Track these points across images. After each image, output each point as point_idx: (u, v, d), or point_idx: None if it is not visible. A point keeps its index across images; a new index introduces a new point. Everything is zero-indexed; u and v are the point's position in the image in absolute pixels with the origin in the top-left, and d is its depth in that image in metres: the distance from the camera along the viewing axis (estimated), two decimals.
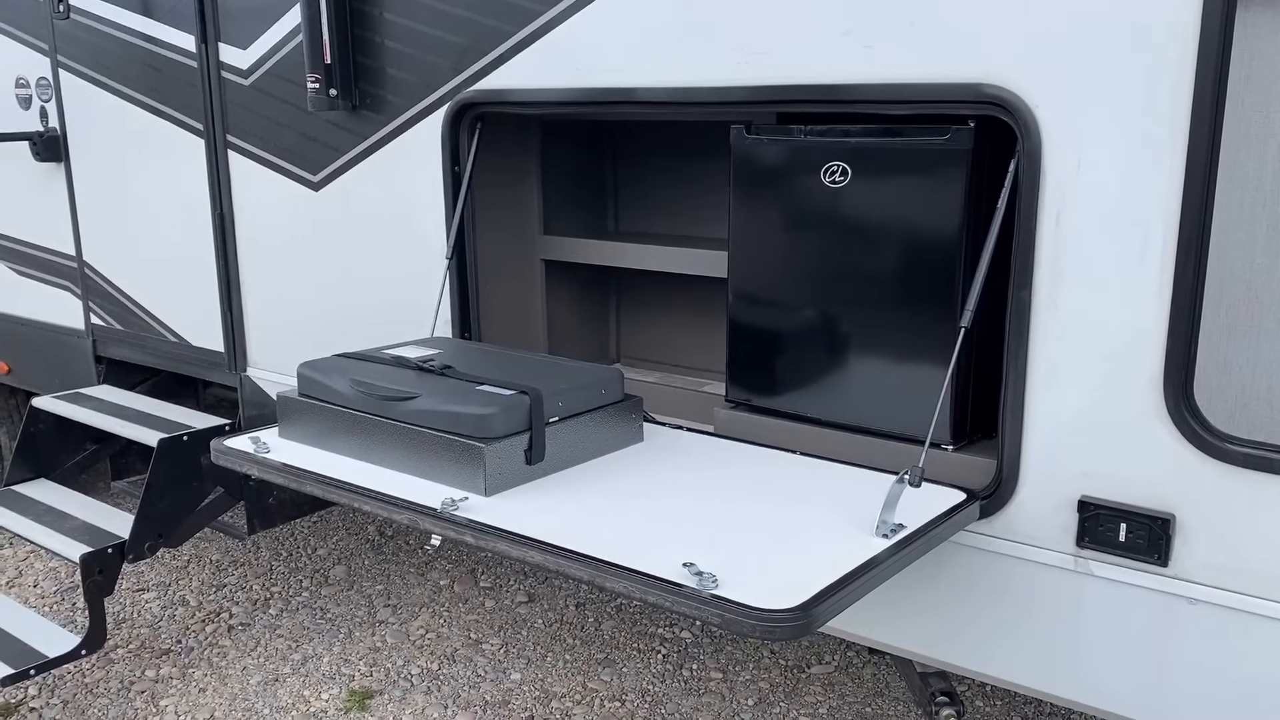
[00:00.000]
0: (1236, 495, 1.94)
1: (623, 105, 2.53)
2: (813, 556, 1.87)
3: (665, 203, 3.50)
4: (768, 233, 2.51)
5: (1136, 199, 1.95)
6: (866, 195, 2.34)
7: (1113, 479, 2.06)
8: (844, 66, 2.19)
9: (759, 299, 2.56)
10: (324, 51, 3.01)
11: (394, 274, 3.13)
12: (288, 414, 2.49)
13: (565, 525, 2.01)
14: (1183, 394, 1.95)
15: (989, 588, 2.24)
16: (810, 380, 2.51)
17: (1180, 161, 1.89)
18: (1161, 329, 1.95)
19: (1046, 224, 2.05)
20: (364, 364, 2.50)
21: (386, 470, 2.32)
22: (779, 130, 2.44)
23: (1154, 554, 2.03)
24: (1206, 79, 1.83)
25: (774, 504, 2.12)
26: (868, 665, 3.87)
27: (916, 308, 2.33)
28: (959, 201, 2.24)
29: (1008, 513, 2.19)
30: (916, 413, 2.36)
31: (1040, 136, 2.02)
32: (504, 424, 2.17)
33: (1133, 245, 1.97)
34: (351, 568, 4.75)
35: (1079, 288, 2.04)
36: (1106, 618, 2.12)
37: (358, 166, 3.14)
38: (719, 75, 2.35)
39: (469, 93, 2.82)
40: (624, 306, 3.60)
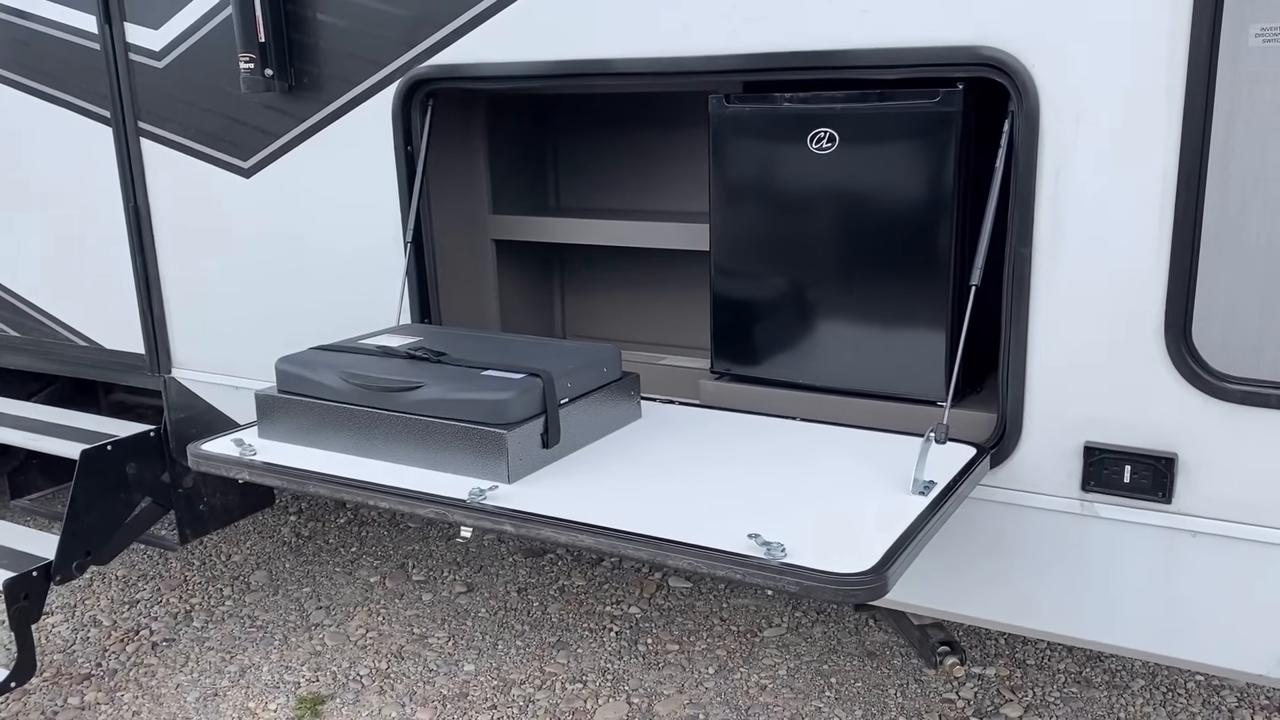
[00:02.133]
0: (1235, 431, 2.06)
1: (600, 77, 2.48)
2: (861, 518, 1.89)
3: (605, 177, 3.45)
4: (751, 203, 2.51)
5: (1134, 152, 2.03)
6: (856, 161, 2.36)
7: (1116, 423, 2.15)
8: (839, 31, 2.20)
9: (744, 270, 2.56)
10: (257, 29, 2.83)
11: (342, 261, 2.99)
12: (270, 412, 2.35)
13: (600, 507, 1.97)
14: (1183, 338, 2.05)
15: (996, 537, 2.31)
16: (802, 347, 2.53)
17: (1178, 113, 1.98)
18: (1162, 276, 2.05)
19: (1046, 181, 2.11)
20: (349, 355, 2.38)
21: (390, 465, 2.22)
22: (761, 99, 2.44)
23: (1158, 492, 2.13)
24: (1202, 32, 1.92)
25: (799, 470, 2.13)
26: (817, 624, 3.95)
27: (910, 270, 2.37)
28: (950, 163, 2.28)
29: (1012, 463, 2.26)
30: (912, 373, 2.41)
31: (1038, 95, 2.08)
32: (522, 408, 2.11)
33: (1131, 198, 2.05)
34: (273, 572, 4.54)
35: (1079, 241, 2.11)
36: (1114, 557, 2.22)
37: (296, 150, 2.97)
38: (708, 44, 2.33)
39: (423, 68, 2.71)
40: (568, 283, 3.55)
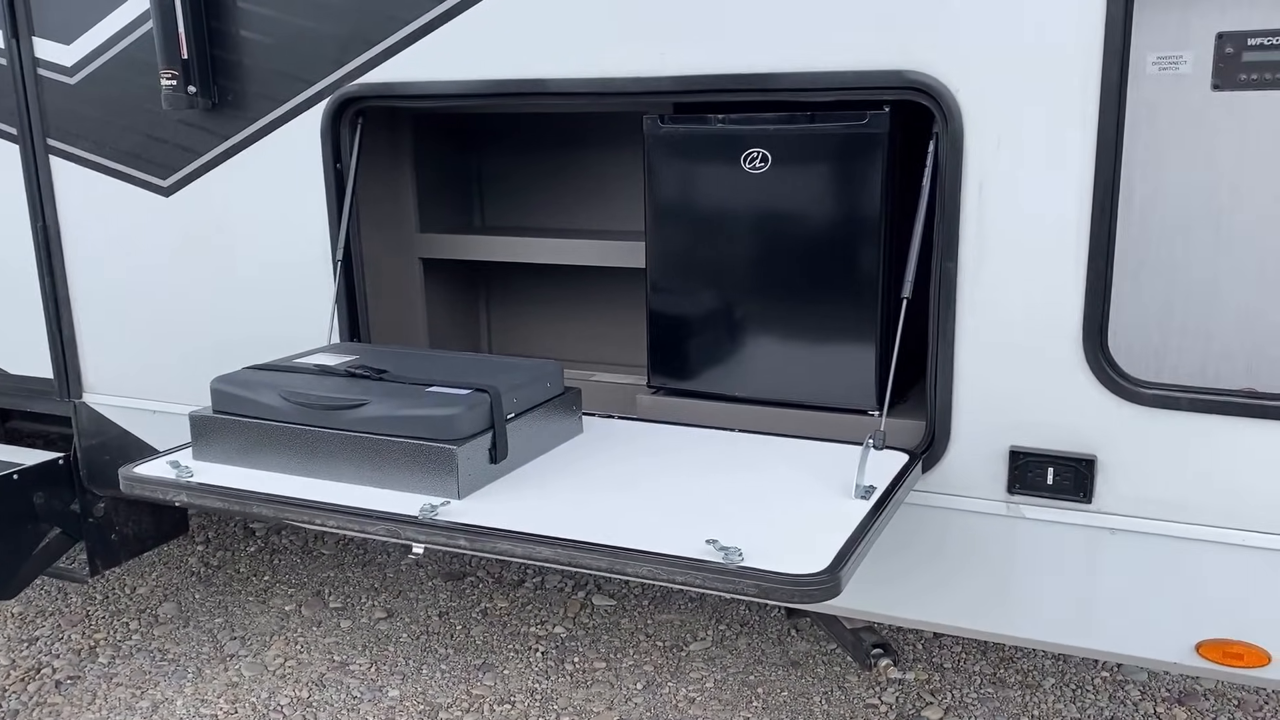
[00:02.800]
0: (1148, 433, 2.20)
1: (537, 97, 2.52)
2: (810, 522, 1.96)
3: (531, 196, 3.49)
4: (686, 221, 2.58)
5: (1052, 172, 2.17)
6: (788, 180, 2.45)
7: (1040, 428, 2.28)
8: (772, 55, 2.28)
9: (679, 286, 2.63)
10: (180, 46, 2.80)
11: (267, 280, 2.96)
12: (205, 433, 2.32)
13: (554, 519, 2.00)
14: (1099, 346, 2.19)
15: (926, 540, 2.41)
16: (737, 361, 2.60)
17: (1091, 135, 2.11)
18: (1079, 288, 2.18)
19: (970, 199, 2.23)
20: (286, 374, 2.36)
21: (333, 484, 2.21)
22: (696, 119, 2.51)
23: (1079, 493, 2.26)
24: (1113, 61, 2.06)
25: (743, 478, 2.20)
26: (741, 636, 4.02)
27: (840, 285, 2.47)
28: (878, 181, 2.39)
29: (942, 468, 2.37)
30: (843, 384, 2.50)
31: (961, 118, 2.20)
32: (470, 424, 2.13)
33: (1050, 214, 2.19)
34: (182, 604, 4.42)
35: (1002, 256, 2.24)
36: (1038, 556, 2.34)
37: (220, 168, 2.94)
38: (643, 66, 2.39)
39: (353, 86, 2.72)
40: (494, 301, 3.57)
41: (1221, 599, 2.24)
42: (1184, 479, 2.19)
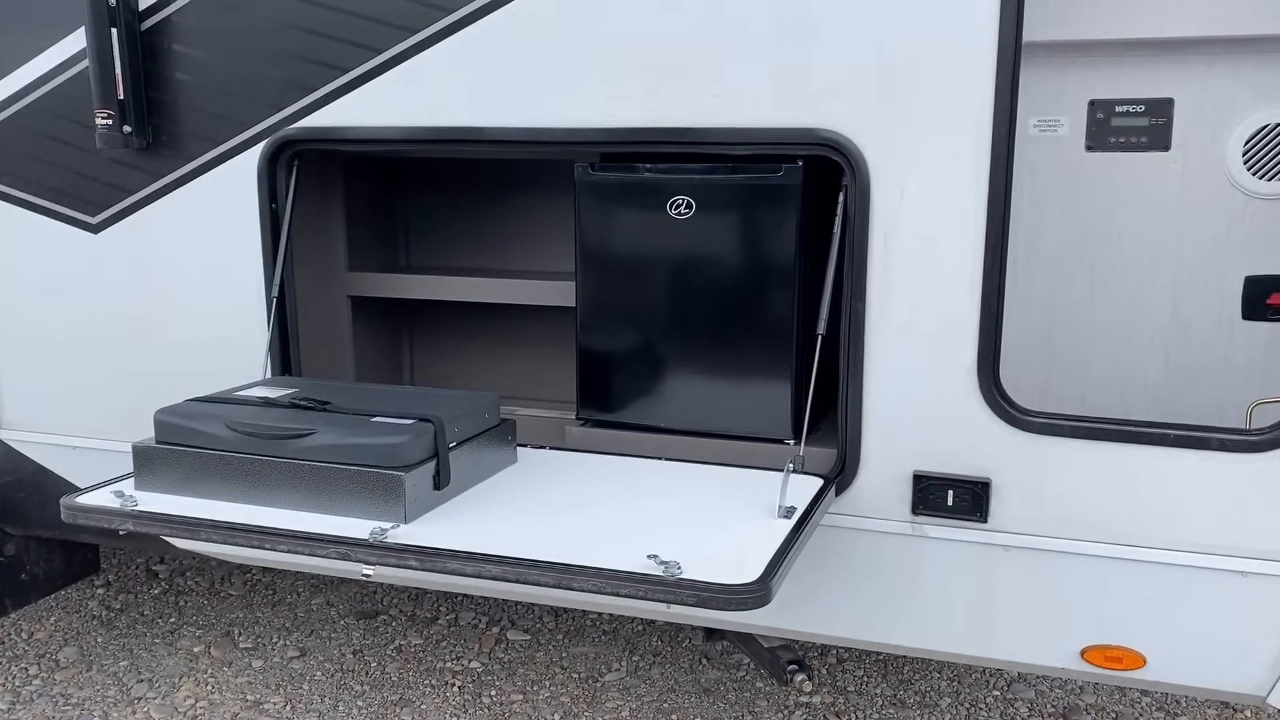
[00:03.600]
0: (1036, 457, 2.46)
1: (471, 144, 2.68)
2: (738, 539, 2.14)
3: (456, 237, 3.64)
4: (615, 263, 2.76)
5: (949, 221, 2.42)
6: (710, 225, 2.66)
7: (940, 454, 2.51)
8: (698, 111, 2.50)
9: (608, 324, 2.81)
10: (116, 86, 2.88)
11: (198, 317, 3.03)
12: (149, 464, 2.39)
13: (498, 541, 2.13)
14: (992, 378, 2.44)
15: (839, 559, 2.62)
16: (663, 394, 2.78)
17: (983, 189, 2.38)
18: (974, 327, 2.43)
19: (876, 245, 2.47)
20: (230, 406, 2.45)
21: (280, 511, 2.30)
22: (624, 167, 2.71)
23: (976, 513, 2.50)
24: (1002, 123, 2.33)
25: (673, 501, 2.37)
26: (655, 666, 4.17)
27: (758, 323, 2.68)
28: (792, 228, 2.62)
29: (852, 491, 2.59)
30: (761, 415, 2.70)
31: (868, 172, 2.44)
32: (416, 451, 2.26)
33: (948, 259, 2.44)
34: (84, 647, 4.36)
35: (905, 297, 2.48)
36: (940, 572, 2.57)
37: (152, 206, 3.01)
38: (578, 117, 2.58)
39: (291, 130, 2.84)
40: (417, 338, 3.69)
41: (1102, 608, 2.49)
42: (1067, 499, 2.45)
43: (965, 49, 2.32)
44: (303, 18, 2.78)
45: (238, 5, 2.84)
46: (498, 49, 2.62)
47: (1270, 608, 2.41)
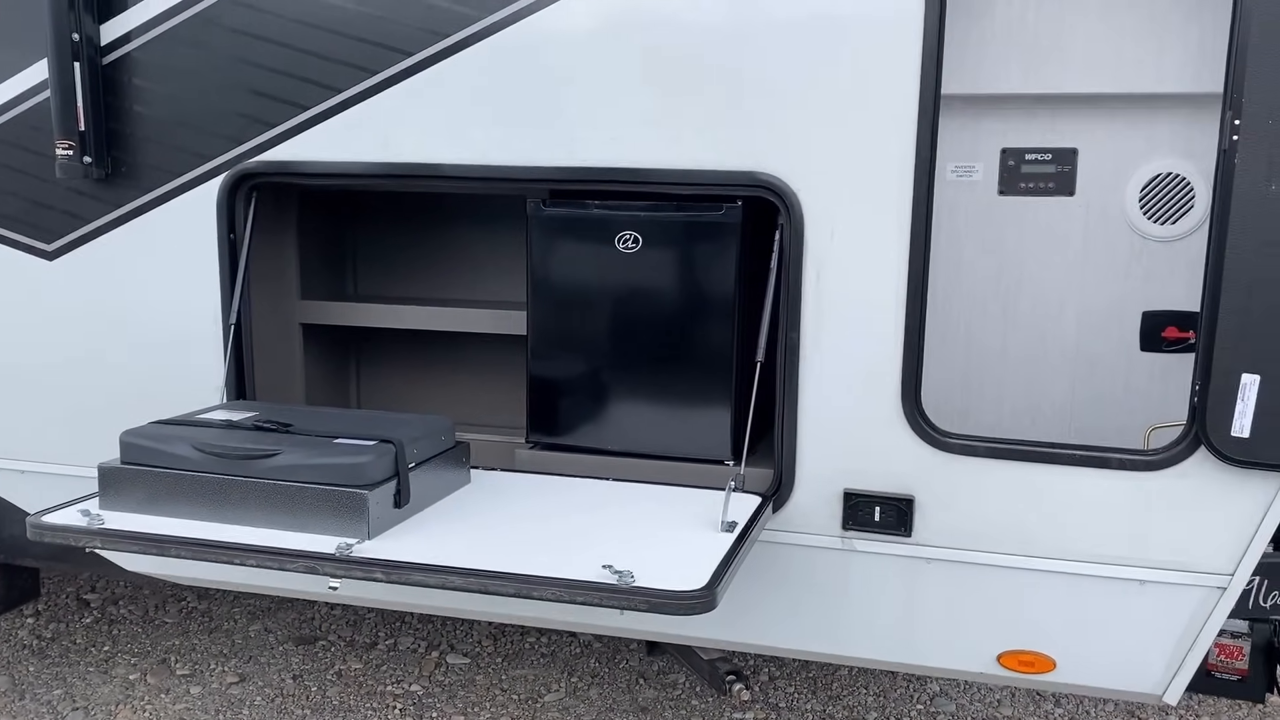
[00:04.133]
0: (954, 476, 2.68)
1: (427, 179, 2.84)
2: (685, 551, 2.32)
3: (398, 266, 3.78)
4: (565, 293, 2.94)
5: (875, 258, 2.64)
6: (656, 259, 2.86)
7: (868, 473, 2.72)
8: (645, 153, 2.70)
9: (558, 352, 2.98)
10: (78, 118, 2.98)
11: (154, 342, 3.13)
12: (114, 484, 2.48)
13: (459, 555, 2.28)
14: (915, 403, 2.66)
15: (774, 572, 2.81)
16: (609, 418, 2.96)
17: (906, 229, 2.61)
18: (898, 355, 2.65)
19: (809, 280, 2.69)
20: (194, 428, 2.56)
21: (244, 529, 2.41)
22: (575, 204, 2.89)
23: (901, 528, 2.71)
24: (923, 169, 2.57)
25: (622, 517, 2.54)
26: (593, 686, 4.31)
27: (700, 351, 2.88)
28: (732, 263, 2.82)
29: (788, 509, 2.78)
30: (701, 437, 2.89)
31: (802, 213, 2.66)
32: (379, 471, 2.39)
33: (874, 294, 2.66)
34: (15, 677, 4.35)
35: (836, 328, 2.69)
36: (867, 584, 2.77)
37: (111, 234, 3.11)
38: (534, 156, 2.76)
39: (251, 163, 2.96)
40: (363, 364, 3.81)
41: (1016, 615, 2.72)
42: (983, 514, 2.67)
43: (890, 101, 2.55)
44: (264, 56, 2.92)
45: (200, 42, 2.96)
46: (454, 91, 2.79)
47: (1166, 614, 2.66)
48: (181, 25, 2.98)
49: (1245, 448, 2.46)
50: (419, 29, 2.81)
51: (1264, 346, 2.40)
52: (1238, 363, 2.43)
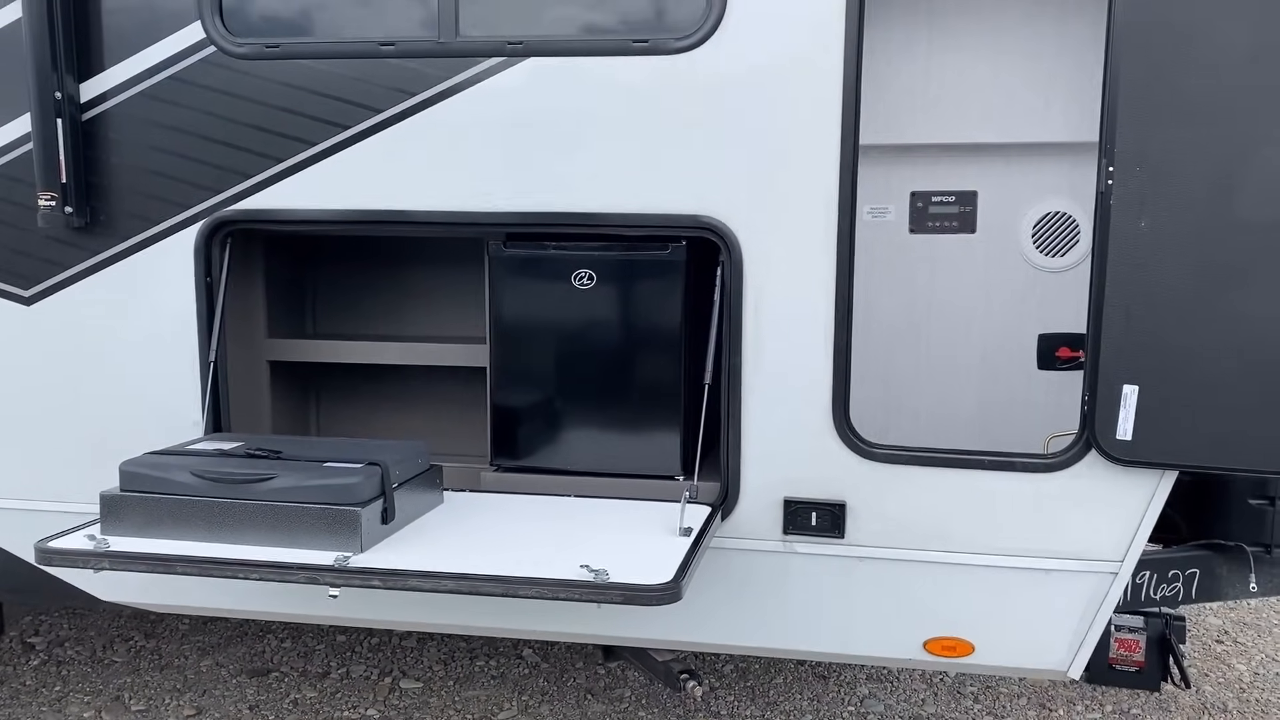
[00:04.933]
0: (880, 482, 3.03)
1: (395, 225, 3.13)
2: (649, 553, 2.62)
3: (355, 304, 4.03)
4: (524, 326, 3.24)
5: (806, 290, 3.00)
6: (609, 294, 3.18)
7: (805, 482, 3.06)
8: (598, 198, 3.02)
9: (519, 381, 3.27)
10: (60, 170, 3.19)
11: (131, 382, 3.32)
12: (116, 511, 2.69)
13: (447, 563, 2.55)
14: (844, 417, 3.01)
15: (722, 576, 3.13)
16: (568, 441, 3.25)
17: (832, 264, 2.97)
18: (828, 376, 3.01)
19: (749, 311, 3.03)
20: (190, 457, 2.78)
21: (242, 548, 2.64)
22: (533, 245, 3.19)
23: (835, 531, 3.06)
24: (845, 211, 2.94)
25: (588, 527, 2.83)
26: (544, 703, 4.55)
27: (651, 377, 3.20)
28: (678, 297, 3.16)
29: (734, 517, 3.11)
30: (653, 455, 3.21)
31: (741, 251, 3.01)
32: (368, 490, 2.65)
33: (805, 322, 3.01)
34: None
35: (773, 353, 3.04)
36: (806, 582, 3.10)
37: (88, 280, 3.31)
38: (495, 202, 3.07)
39: (228, 211, 3.21)
40: (322, 399, 4.04)
41: (939, 605, 3.08)
42: (907, 515, 3.03)
43: (816, 152, 2.93)
44: (240, 112, 3.17)
45: (177, 100, 3.20)
46: (421, 145, 3.08)
47: (1068, 599, 3.04)
48: (159, 84, 3.21)
49: (1129, 449, 2.86)
50: (389, 88, 3.09)
51: (1141, 361, 2.81)
52: (1119, 376, 2.83)
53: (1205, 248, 2.72)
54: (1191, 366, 2.76)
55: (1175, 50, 2.68)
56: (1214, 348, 2.74)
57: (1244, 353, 2.72)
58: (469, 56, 3.04)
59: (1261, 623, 5.32)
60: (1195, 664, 4.82)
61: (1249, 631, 5.23)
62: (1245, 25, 2.64)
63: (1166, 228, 2.73)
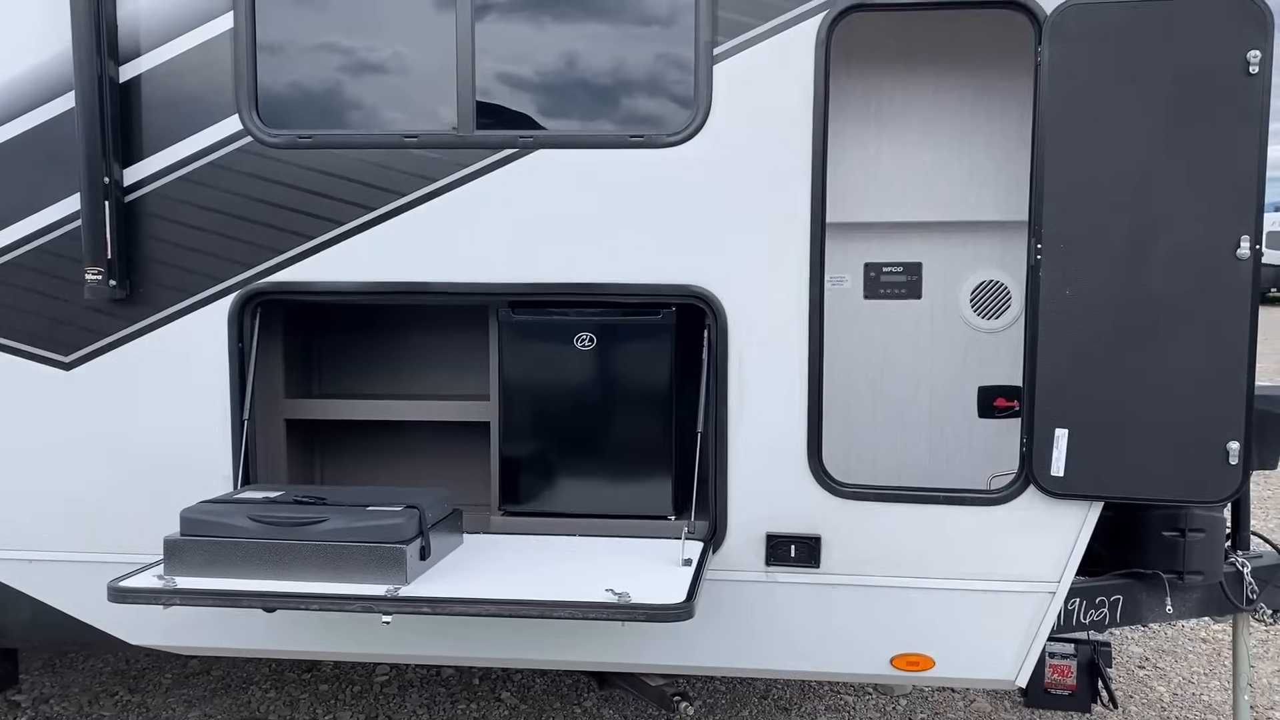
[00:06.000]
0: (849, 517, 3.51)
1: (411, 294, 3.55)
2: (660, 581, 3.05)
3: (355, 365, 4.41)
4: (529, 384, 3.66)
5: (784, 351, 3.48)
6: (608, 354, 3.63)
7: (784, 518, 3.52)
8: (600, 272, 3.48)
9: (523, 433, 3.68)
10: (106, 247, 3.55)
11: (164, 441, 3.66)
12: (178, 553, 3.03)
13: (485, 590, 2.94)
14: (818, 461, 3.49)
15: (714, 605, 3.55)
16: (570, 486, 3.67)
17: (805, 327, 3.46)
18: (804, 425, 3.48)
19: (734, 368, 3.50)
20: (244, 505, 3.14)
21: (295, 583, 3.00)
22: (538, 310, 3.63)
23: (812, 561, 3.51)
24: (815, 281, 3.44)
25: (599, 560, 3.25)
26: None
27: (645, 429, 3.64)
28: (669, 357, 3.63)
29: (723, 551, 3.54)
30: (647, 498, 3.64)
31: (726, 316, 3.48)
32: (410, 530, 3.04)
33: (783, 377, 3.49)
34: None
35: (756, 404, 3.51)
36: (789, 610, 3.55)
37: (126, 347, 3.65)
38: (505, 274, 3.51)
39: (260, 284, 3.59)
40: (327, 455, 4.39)
41: (903, 625, 3.54)
42: (873, 546, 3.50)
43: (790, 231, 3.43)
44: (273, 195, 3.57)
45: (215, 183, 3.59)
46: (439, 224, 3.52)
47: (1014, 616, 3.53)
48: (198, 169, 3.60)
49: (1062, 484, 3.38)
50: (411, 174, 3.53)
51: (1070, 409, 3.34)
52: (1052, 421, 3.36)
53: (1120, 311, 3.27)
54: (1112, 412, 3.30)
55: (1091, 143, 3.25)
56: (1129, 396, 3.28)
57: (1153, 399, 3.27)
58: (484, 148, 3.49)
59: (1179, 650, 5.89)
60: (1121, 687, 5.34)
61: (1168, 658, 5.79)
62: (1147, 122, 3.22)
63: (1087, 295, 3.28)
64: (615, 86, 3.54)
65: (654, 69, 3.51)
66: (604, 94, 3.54)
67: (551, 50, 3.54)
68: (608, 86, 3.54)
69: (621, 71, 3.53)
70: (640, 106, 3.53)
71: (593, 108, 3.54)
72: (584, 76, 3.54)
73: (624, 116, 3.54)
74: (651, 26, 3.50)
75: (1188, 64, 3.19)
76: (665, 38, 3.48)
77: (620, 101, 3.55)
